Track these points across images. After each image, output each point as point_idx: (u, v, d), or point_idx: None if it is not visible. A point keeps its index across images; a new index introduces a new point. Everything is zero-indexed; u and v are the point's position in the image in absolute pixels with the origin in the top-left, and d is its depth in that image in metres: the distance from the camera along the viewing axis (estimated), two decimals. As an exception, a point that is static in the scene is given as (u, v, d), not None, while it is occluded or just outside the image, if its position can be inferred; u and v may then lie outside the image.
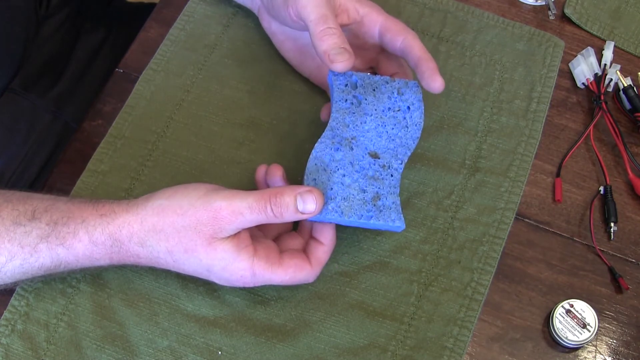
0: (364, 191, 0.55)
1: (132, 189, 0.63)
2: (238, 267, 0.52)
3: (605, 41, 0.71)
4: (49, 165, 0.78)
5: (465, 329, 0.58)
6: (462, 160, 0.65)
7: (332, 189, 0.55)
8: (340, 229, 0.61)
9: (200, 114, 0.67)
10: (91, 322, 0.58)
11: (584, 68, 0.69)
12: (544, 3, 0.74)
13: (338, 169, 0.56)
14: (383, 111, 0.58)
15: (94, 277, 0.59)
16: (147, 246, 0.53)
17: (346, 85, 0.59)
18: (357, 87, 0.59)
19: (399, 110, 0.58)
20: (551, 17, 0.73)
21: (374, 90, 0.59)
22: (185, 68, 0.69)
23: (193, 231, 0.51)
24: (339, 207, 0.54)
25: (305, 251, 0.56)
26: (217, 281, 0.54)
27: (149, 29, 0.72)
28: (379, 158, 0.57)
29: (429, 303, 0.59)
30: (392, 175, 0.56)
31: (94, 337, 0.57)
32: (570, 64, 0.71)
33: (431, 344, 0.57)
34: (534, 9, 0.74)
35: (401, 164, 0.57)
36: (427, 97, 0.67)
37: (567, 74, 0.70)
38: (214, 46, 0.70)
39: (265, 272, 0.53)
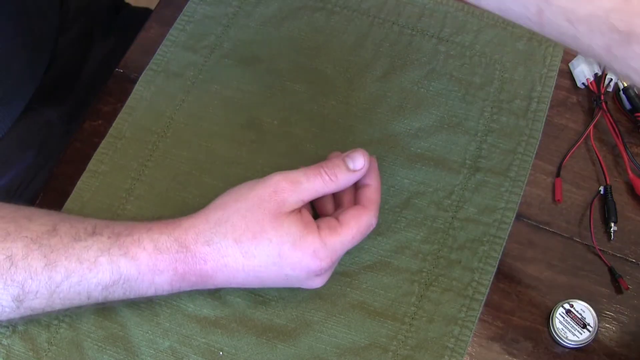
0: None
1: (132, 189, 0.63)
2: (307, 241, 0.53)
3: (604, 41, 0.71)
4: None
5: (466, 328, 0.58)
6: (462, 160, 0.65)
7: None
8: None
9: (200, 114, 0.67)
10: (92, 323, 0.58)
11: (584, 68, 0.69)
12: (543, 3, 0.74)
13: None
14: None
15: (95, 277, 0.59)
16: (214, 243, 0.52)
17: None
18: None
19: None
20: (551, 17, 0.73)
21: None
22: (186, 68, 0.69)
23: (257, 210, 0.52)
24: None
25: (357, 203, 0.57)
26: (291, 272, 0.53)
27: (149, 29, 0.72)
28: None
29: (430, 303, 0.59)
30: None
31: (95, 338, 0.57)
32: (570, 64, 0.71)
33: (432, 344, 0.57)
34: (534, 8, 0.74)
35: None
36: (427, 97, 0.68)
37: (567, 74, 0.70)
38: (214, 46, 0.70)
39: (332, 237, 0.53)
